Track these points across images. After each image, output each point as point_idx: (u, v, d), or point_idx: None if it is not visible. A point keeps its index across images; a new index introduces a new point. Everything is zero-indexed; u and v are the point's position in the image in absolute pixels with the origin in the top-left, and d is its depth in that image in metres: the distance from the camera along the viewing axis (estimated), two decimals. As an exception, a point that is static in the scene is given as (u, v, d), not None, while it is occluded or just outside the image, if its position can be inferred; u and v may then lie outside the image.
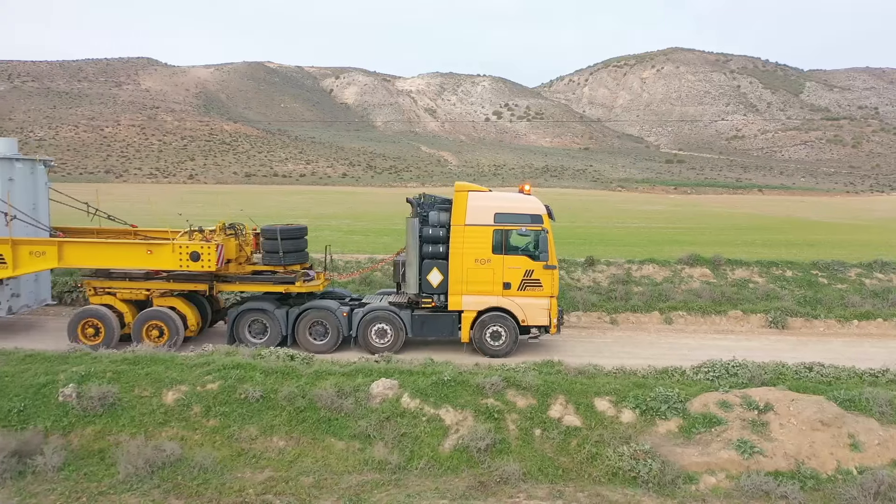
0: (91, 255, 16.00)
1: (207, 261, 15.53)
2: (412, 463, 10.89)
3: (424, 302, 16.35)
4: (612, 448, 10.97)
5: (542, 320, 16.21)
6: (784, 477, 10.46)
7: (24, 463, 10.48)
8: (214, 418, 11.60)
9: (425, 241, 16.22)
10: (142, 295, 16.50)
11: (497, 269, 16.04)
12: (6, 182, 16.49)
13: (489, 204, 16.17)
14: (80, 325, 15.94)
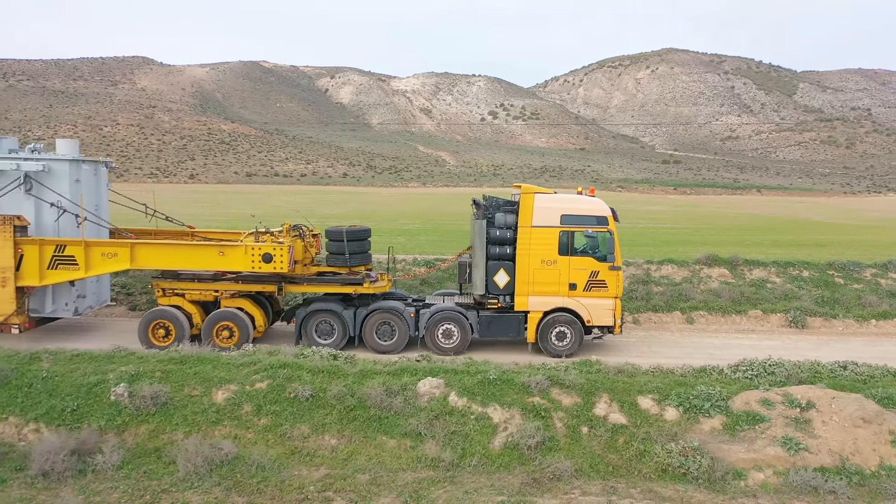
0: (163, 256, 16.11)
1: (280, 262, 15.61)
2: (465, 460, 11.07)
3: (490, 303, 16.46)
4: (660, 445, 11.19)
5: (607, 320, 16.36)
6: (830, 473, 10.70)
7: (83, 461, 10.62)
8: (266, 417, 11.74)
9: (492, 242, 16.28)
10: (210, 296, 16.60)
11: (563, 271, 16.18)
12: (73, 184, 16.50)
13: (555, 206, 16.27)
14: (150, 327, 16.08)
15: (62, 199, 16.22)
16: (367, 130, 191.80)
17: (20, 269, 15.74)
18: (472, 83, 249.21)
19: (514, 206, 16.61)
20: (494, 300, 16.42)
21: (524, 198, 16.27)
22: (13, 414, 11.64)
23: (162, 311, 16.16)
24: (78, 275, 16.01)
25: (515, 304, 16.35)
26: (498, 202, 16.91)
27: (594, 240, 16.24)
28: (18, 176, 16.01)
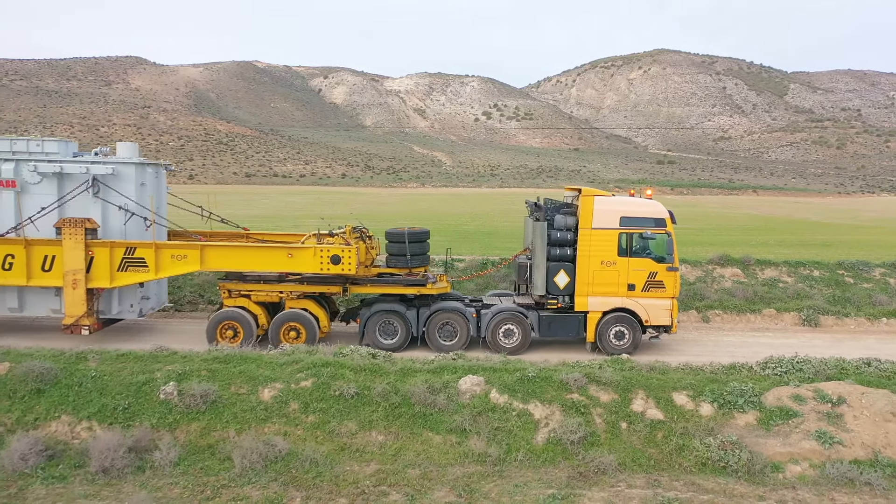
0: (232, 258, 16.33)
1: (348, 264, 15.86)
2: (510, 455, 11.39)
3: (550, 303, 16.77)
4: (699, 440, 11.55)
5: (665, 320, 16.72)
6: (864, 465, 11.09)
7: (140, 458, 10.88)
8: (313, 414, 12.02)
9: (552, 244, 16.59)
10: (275, 297, 16.81)
11: (622, 271, 16.51)
12: (139, 187, 16.74)
13: (615, 208, 16.57)
14: (218, 328, 16.33)
15: (129, 201, 16.44)
16: (362, 131, 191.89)
17: (90, 271, 15.96)
18: (466, 83, 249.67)
19: (573, 209, 16.96)
20: (554, 300, 16.73)
21: (584, 200, 16.58)
22: (65, 412, 11.87)
23: (230, 313, 16.39)
24: (148, 277, 16.26)
25: (575, 305, 16.68)
26: (556, 204, 17.28)
27: (653, 241, 16.54)
28: (86, 179, 16.20)
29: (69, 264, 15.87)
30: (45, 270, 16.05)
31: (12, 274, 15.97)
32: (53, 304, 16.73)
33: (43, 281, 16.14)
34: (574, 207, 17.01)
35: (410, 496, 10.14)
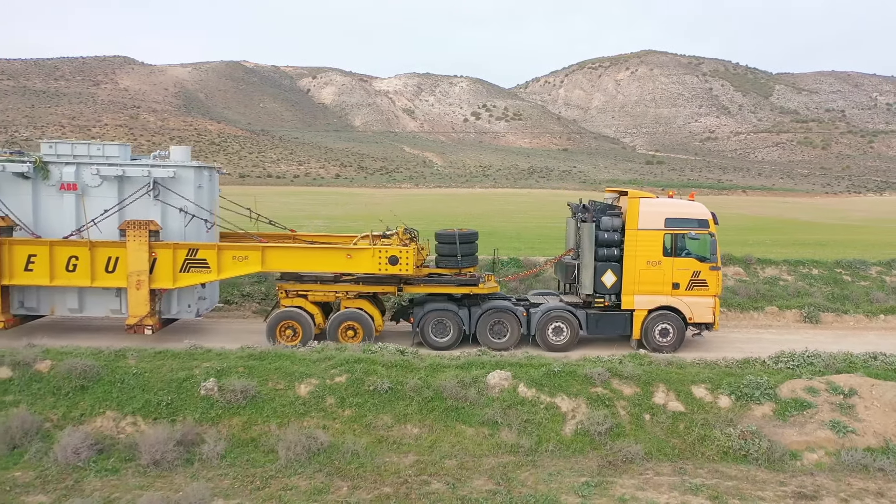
0: (293, 259, 16.75)
1: (405, 264, 16.33)
2: (541, 446, 11.91)
3: (597, 302, 17.30)
4: (719, 430, 12.13)
5: (707, 317, 17.32)
6: (876, 453, 11.72)
7: (188, 451, 11.29)
8: (349, 408, 12.47)
9: (600, 245, 17.13)
10: (332, 297, 17.28)
11: (667, 271, 17.08)
12: (197, 189, 17.07)
13: (659, 210, 17.14)
14: (278, 327, 16.75)
15: (188, 203, 16.82)
16: (351, 131, 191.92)
17: (153, 272, 16.31)
18: (455, 84, 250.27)
19: (615, 210, 17.54)
20: (601, 299, 17.26)
21: (631, 202, 17.15)
22: (110, 408, 12.24)
23: (289, 313, 16.83)
24: (210, 278, 16.67)
25: (622, 303, 17.20)
26: (602, 206, 17.83)
27: (697, 242, 17.10)
28: (147, 182, 16.56)
29: (133, 265, 16.23)
30: (109, 272, 16.39)
31: (76, 275, 16.32)
32: (113, 305, 17.08)
33: (106, 282, 16.48)
34: (618, 209, 17.61)
35: (451, 485, 10.62)
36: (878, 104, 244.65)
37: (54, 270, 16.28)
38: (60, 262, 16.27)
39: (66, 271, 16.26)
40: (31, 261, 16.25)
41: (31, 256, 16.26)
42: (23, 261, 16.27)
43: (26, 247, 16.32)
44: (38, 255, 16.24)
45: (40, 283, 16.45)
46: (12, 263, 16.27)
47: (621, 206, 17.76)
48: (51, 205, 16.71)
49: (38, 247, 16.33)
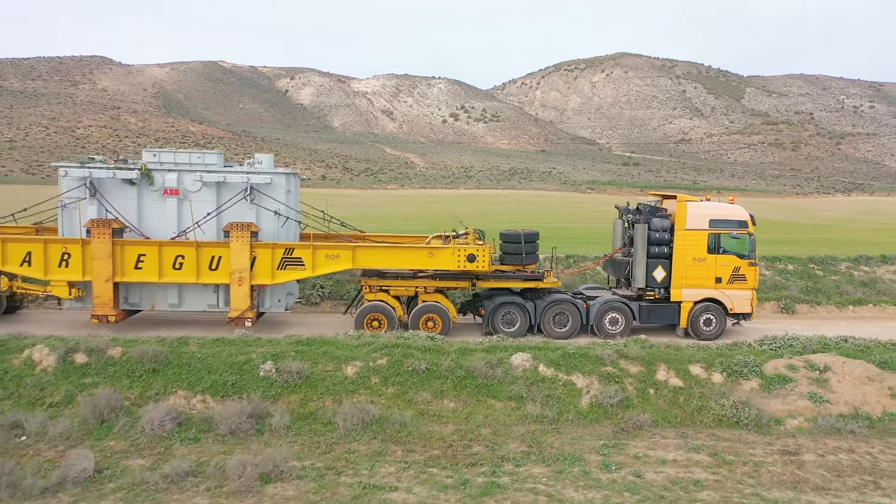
0: (380, 257, 18.43)
1: (482, 261, 18.04)
2: (562, 416, 13.70)
3: (648, 295, 19.16)
4: (714, 401, 14.04)
5: (746, 308, 19.26)
6: (847, 418, 13.70)
7: (258, 423, 12.89)
8: (392, 386, 14.15)
9: (651, 243, 18.99)
10: (412, 291, 18.94)
11: (711, 267, 18.97)
12: (287, 194, 18.61)
13: (704, 212, 19.08)
14: (366, 319, 18.30)
15: (280, 206, 18.37)
16: (331, 132, 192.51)
17: (253, 269, 17.83)
18: (433, 85, 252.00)
19: (662, 213, 19.42)
20: (652, 292, 19.13)
21: (679, 205, 19.04)
22: (181, 388, 13.77)
23: (377, 306, 18.45)
24: (305, 274, 18.26)
25: (671, 296, 19.07)
26: (652, 209, 19.63)
27: (737, 240, 19.02)
28: (244, 187, 18.12)
29: (235, 264, 17.75)
30: (212, 269, 17.90)
31: (182, 273, 17.83)
32: (210, 301, 18.66)
33: (210, 279, 18.01)
34: (665, 211, 19.52)
35: (490, 447, 12.36)
36: (845, 107, 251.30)
37: (162, 268, 17.79)
38: (168, 261, 17.78)
39: (173, 269, 17.79)
40: (141, 260, 17.77)
41: (140, 256, 17.79)
42: (133, 260, 17.78)
43: (137, 247, 17.85)
44: (147, 255, 17.78)
45: (149, 279, 17.96)
46: (124, 262, 17.76)
47: (667, 208, 19.71)
48: (154, 208, 18.29)
49: (148, 247, 17.88)
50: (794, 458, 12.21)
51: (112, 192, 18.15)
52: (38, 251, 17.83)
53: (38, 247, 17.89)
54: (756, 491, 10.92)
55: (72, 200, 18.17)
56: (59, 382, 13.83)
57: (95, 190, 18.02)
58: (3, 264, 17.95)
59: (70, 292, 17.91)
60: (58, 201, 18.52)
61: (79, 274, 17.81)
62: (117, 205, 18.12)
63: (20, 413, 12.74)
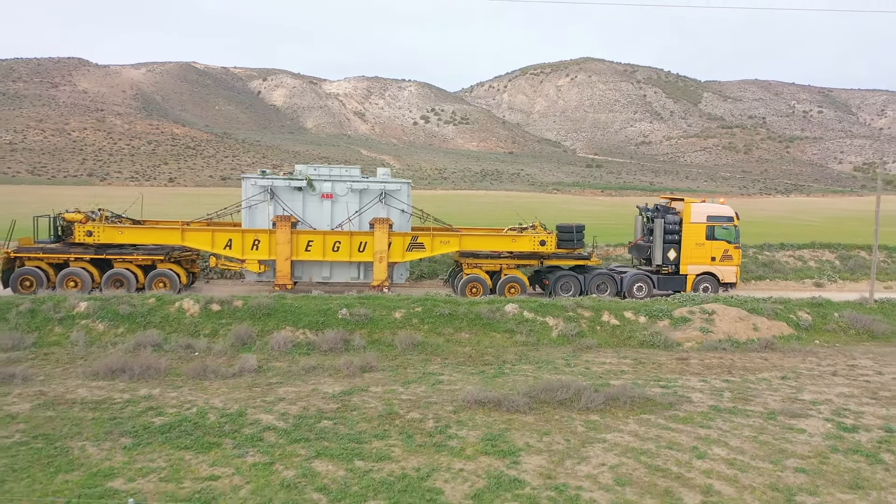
0: (479, 242, 26.30)
1: (550, 245, 25.89)
2: (540, 342, 20.90)
3: (663, 270, 26.88)
4: (638, 332, 21.41)
5: (732, 279, 27.05)
6: (723, 341, 21.16)
7: (345, 344, 19.80)
8: (427, 324, 21.20)
9: (666, 233, 26.72)
10: (497, 267, 26.27)
11: (708, 249, 26.76)
12: (407, 197, 26.21)
13: (703, 210, 26.92)
14: (467, 287, 25.62)
15: (404, 206, 25.74)
16: (305, 133, 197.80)
17: (389, 251, 25.13)
18: (403, 88, 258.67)
19: (672, 211, 27.05)
20: (667, 268, 26.88)
21: (686, 206, 26.88)
22: (287, 325, 20.61)
23: (474, 277, 25.93)
24: (425, 255, 25.99)
25: (680, 270, 26.77)
26: (665, 208, 27.39)
27: (726, 230, 26.71)
28: (380, 193, 25.47)
29: (378, 247, 25.15)
30: (360, 251, 25.34)
31: (339, 254, 25.32)
32: (353, 274, 26.15)
33: (358, 258, 25.46)
34: (674, 210, 27.17)
35: (495, 357, 19.48)
36: (795, 111, 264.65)
37: (325, 250, 25.25)
38: (329, 245, 25.22)
39: (332, 251, 25.25)
40: (310, 244, 25.14)
41: (309, 241, 25.19)
42: (304, 244, 25.18)
43: (307, 235, 25.27)
44: (314, 241, 25.19)
45: (315, 259, 25.46)
46: (297, 246, 25.11)
47: (676, 207, 27.41)
48: (314, 208, 25.70)
49: (316, 235, 25.28)
50: (684, 361, 19.58)
51: (285, 196, 25.51)
52: (237, 238, 25.19)
53: (237, 235, 25.23)
54: (657, 375, 18.20)
55: (256, 202, 25.50)
56: (205, 322, 20.63)
57: (273, 195, 25.30)
58: (213, 247, 25.23)
59: (260, 268, 25.24)
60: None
61: (266, 254, 25.20)
62: (289, 205, 25.42)
63: (189, 339, 19.52)
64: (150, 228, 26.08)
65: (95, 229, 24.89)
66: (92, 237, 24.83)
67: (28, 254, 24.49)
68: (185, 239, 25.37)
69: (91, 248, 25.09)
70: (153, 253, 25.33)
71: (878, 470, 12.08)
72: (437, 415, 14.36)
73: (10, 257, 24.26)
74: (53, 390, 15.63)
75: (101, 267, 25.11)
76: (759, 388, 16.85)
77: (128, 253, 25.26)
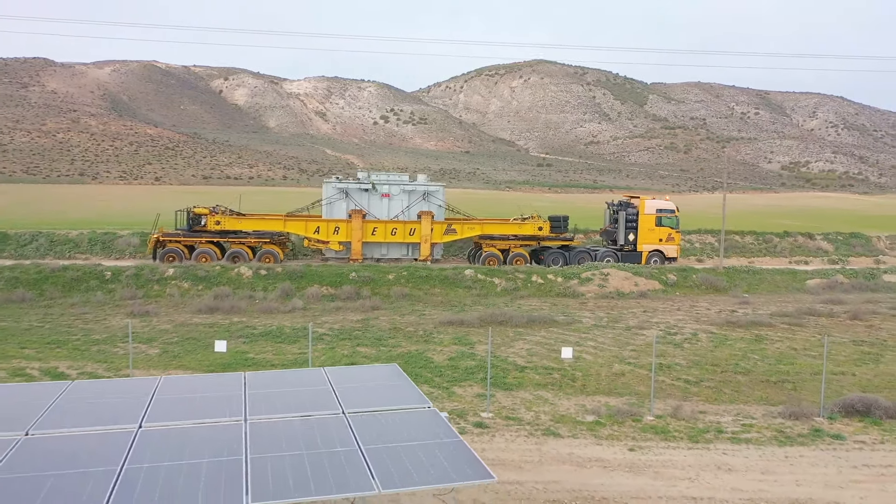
0: (495, 228, 36.44)
1: (545, 230, 35.87)
2: (489, 294, 30.52)
3: (626, 248, 36.66)
4: (556, 287, 31.26)
5: (674, 255, 37.11)
6: (614, 293, 31.13)
7: (357, 295, 29.06)
8: (410, 283, 30.54)
9: (627, 221, 36.57)
10: (507, 246, 35.86)
11: (657, 233, 36.74)
12: (442, 196, 36.06)
13: (654, 204, 37.07)
14: (487, 260, 34.99)
15: (441, 202, 35.35)
16: (268, 133, 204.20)
17: (431, 235, 34.62)
18: (363, 88, 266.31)
19: (633, 205, 36.90)
20: (628, 247, 36.73)
21: (641, 202, 36.91)
22: (315, 284, 29.73)
23: (492, 254, 35.52)
24: (456, 237, 35.85)
25: (637, 248, 36.62)
26: (626, 204, 37.28)
27: (670, 219, 36.71)
28: (423, 193, 35.16)
29: (424, 232, 34.94)
30: (411, 235, 34.99)
31: (395, 237, 35.16)
32: (403, 252, 35.54)
33: (409, 240, 35.16)
34: (633, 205, 37.03)
35: (459, 302, 29.01)
36: (734, 113, 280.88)
37: (386, 234, 34.89)
38: (388, 231, 34.97)
39: (391, 235, 34.81)
40: (375, 230, 34.72)
41: (374, 228, 34.87)
42: (370, 230, 34.82)
43: (373, 223, 35.06)
44: (378, 228, 34.94)
45: (378, 241, 35.08)
46: (365, 231, 34.61)
47: (634, 203, 37.33)
48: (376, 203, 35.37)
49: (379, 223, 35.06)
50: (583, 304, 29.39)
51: (355, 195, 35.18)
52: (324, 226, 34.99)
53: (323, 224, 35.07)
54: (564, 311, 27.90)
55: (334, 200, 35.19)
56: (257, 282, 29.63)
57: (347, 194, 34.93)
58: (305, 233, 35.08)
59: (339, 247, 34.77)
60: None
61: (344, 237, 34.88)
62: (359, 202, 34.98)
63: (250, 292, 28.52)
64: (260, 218, 36.01)
65: (222, 220, 34.50)
66: (219, 225, 34.35)
67: (169, 237, 33.86)
68: (286, 226, 35.41)
69: (212, 234, 34.38)
70: (261, 237, 34.80)
71: (675, 351, 21.92)
72: (424, 329, 23.72)
73: (160, 240, 33.52)
74: (177, 319, 24.56)
75: (220, 247, 34.55)
76: (626, 316, 26.71)
77: (243, 237, 34.83)
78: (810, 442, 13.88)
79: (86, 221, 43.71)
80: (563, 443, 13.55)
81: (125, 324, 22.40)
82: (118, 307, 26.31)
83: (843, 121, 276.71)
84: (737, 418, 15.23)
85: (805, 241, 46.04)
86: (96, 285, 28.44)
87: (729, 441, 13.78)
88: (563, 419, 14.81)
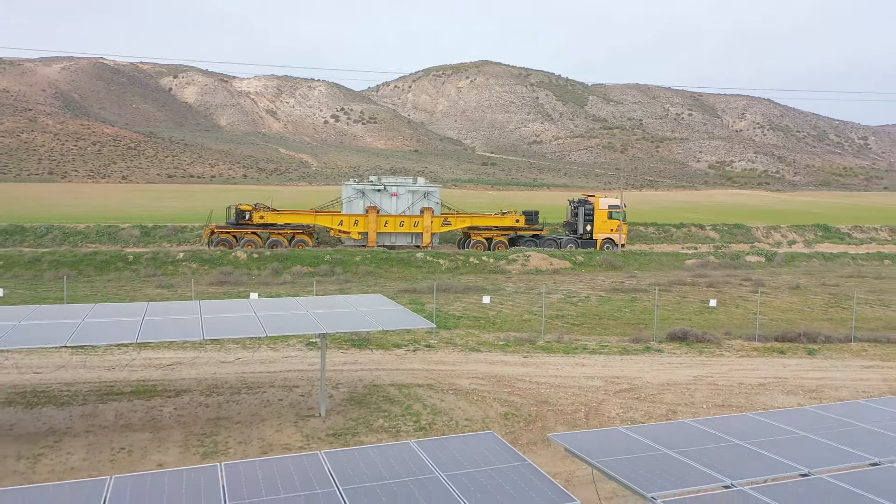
0: (480, 221, 45.34)
1: (522, 222, 44.73)
2: (436, 271, 38.81)
3: (584, 237, 45.45)
4: (489, 266, 39.80)
5: (623, 242, 45.78)
6: (532, 270, 39.83)
7: (332, 272, 36.98)
8: (373, 264, 38.65)
9: (585, 214, 45.49)
10: (491, 235, 44.27)
11: (609, 224, 45.76)
12: (438, 194, 44.12)
13: (606, 202, 46.32)
14: (475, 247, 43.58)
15: (438, 200, 43.35)
16: (220, 131, 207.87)
17: (431, 226, 42.73)
18: (313, 87, 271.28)
19: (591, 202, 45.64)
20: (586, 236, 45.56)
21: (596, 199, 45.91)
22: (297, 265, 37.51)
23: (479, 241, 44.01)
24: (451, 228, 44.31)
25: (593, 237, 45.50)
26: (584, 201, 46.23)
27: (618, 213, 45.56)
28: (423, 192, 43.25)
29: (425, 224, 43.19)
30: (415, 227, 43.05)
31: (403, 228, 43.65)
32: (408, 240, 43.53)
33: (414, 230, 43.18)
34: (590, 202, 45.70)
35: (412, 278, 37.22)
36: (669, 114, 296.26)
37: (395, 226, 42.94)
38: (397, 223, 43.25)
39: (399, 227, 42.96)
40: (386, 222, 42.82)
41: (386, 221, 42.98)
42: (383, 223, 43.00)
43: (385, 217, 43.12)
44: (389, 221, 43.15)
45: (389, 231, 43.21)
46: (379, 223, 42.61)
47: (590, 200, 46.03)
48: (386, 201, 43.45)
49: (390, 217, 43.31)
50: (508, 278, 37.94)
51: (369, 195, 43.22)
52: (347, 219, 43.37)
53: (346, 217, 43.42)
54: (493, 283, 36.32)
55: (352, 198, 43.05)
56: (251, 263, 37.18)
57: (364, 194, 42.90)
58: (332, 224, 43.18)
59: (358, 236, 42.82)
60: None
61: (362, 228, 43.23)
62: (373, 200, 42.80)
63: (246, 270, 36.08)
64: (294, 213, 44.68)
65: (265, 214, 42.82)
66: (263, 219, 42.61)
67: (221, 229, 42.10)
68: (317, 219, 43.97)
69: (255, 226, 42.40)
70: (295, 229, 42.94)
71: (570, 307, 30.54)
72: (386, 295, 31.82)
73: (213, 231, 41.80)
74: (196, 290, 32.03)
75: (261, 237, 42.28)
76: (539, 286, 35.30)
77: (281, 228, 42.81)
78: (640, 353, 22.46)
79: (88, 216, 50.24)
80: (482, 355, 21.80)
81: (157, 293, 29.83)
82: (145, 282, 33.57)
83: (769, 122, 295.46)
84: (599, 343, 23.76)
85: (697, 230, 55.90)
86: (122, 266, 35.57)
87: (589, 353, 22.25)
88: (483, 343, 23.10)
